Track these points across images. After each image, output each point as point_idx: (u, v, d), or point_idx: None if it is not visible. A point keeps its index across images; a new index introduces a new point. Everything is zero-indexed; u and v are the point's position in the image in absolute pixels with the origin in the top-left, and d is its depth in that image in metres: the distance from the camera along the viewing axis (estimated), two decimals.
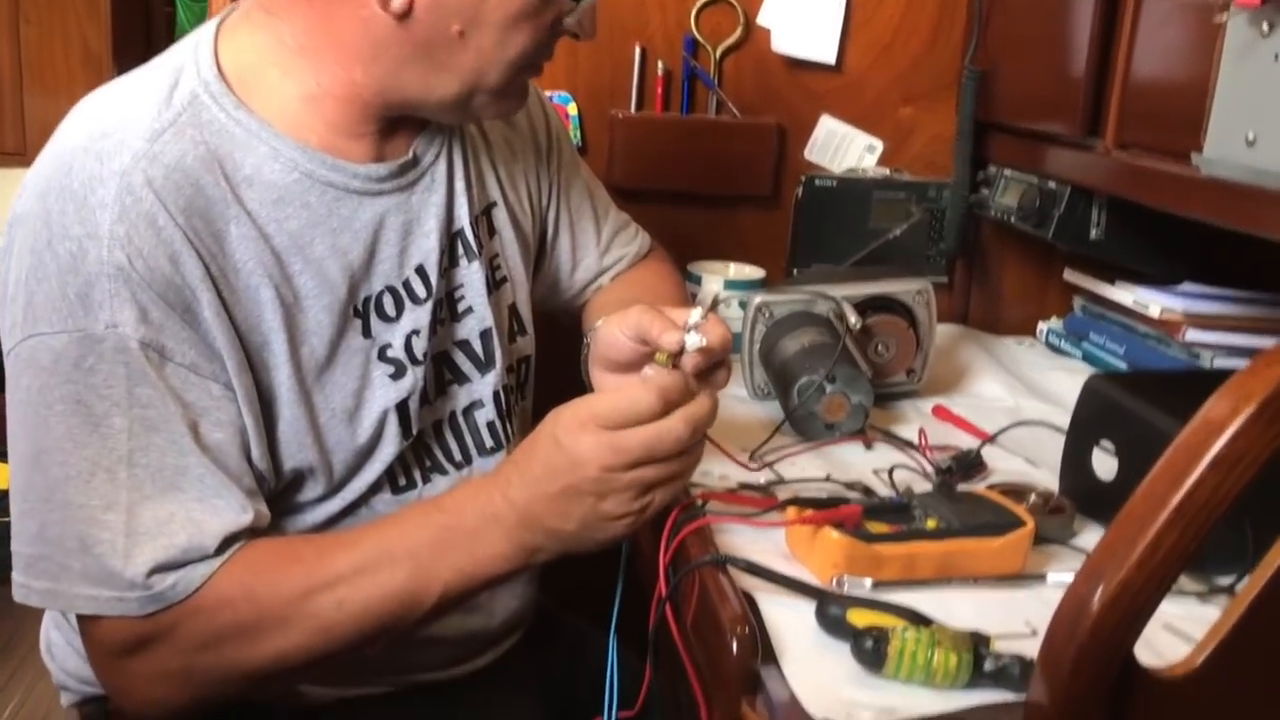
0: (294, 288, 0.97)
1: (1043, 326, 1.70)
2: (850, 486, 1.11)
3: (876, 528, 0.91)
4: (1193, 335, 1.42)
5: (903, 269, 1.37)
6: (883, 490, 1.11)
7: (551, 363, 1.28)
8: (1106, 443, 1.05)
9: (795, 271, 1.70)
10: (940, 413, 1.35)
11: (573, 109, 1.64)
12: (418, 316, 1.05)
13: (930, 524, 0.92)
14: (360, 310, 1.02)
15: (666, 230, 1.61)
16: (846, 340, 1.28)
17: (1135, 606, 0.63)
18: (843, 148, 1.70)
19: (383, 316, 1.04)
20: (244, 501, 0.93)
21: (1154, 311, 1.46)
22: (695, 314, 0.97)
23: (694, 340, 0.95)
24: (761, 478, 1.12)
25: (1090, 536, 1.04)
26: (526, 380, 1.24)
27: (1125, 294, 1.52)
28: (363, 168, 1.01)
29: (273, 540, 0.96)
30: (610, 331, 1.04)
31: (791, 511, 0.93)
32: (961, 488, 1.11)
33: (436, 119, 1.02)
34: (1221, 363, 1.40)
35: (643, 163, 1.65)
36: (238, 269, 0.94)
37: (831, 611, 0.82)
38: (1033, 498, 1.05)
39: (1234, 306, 1.44)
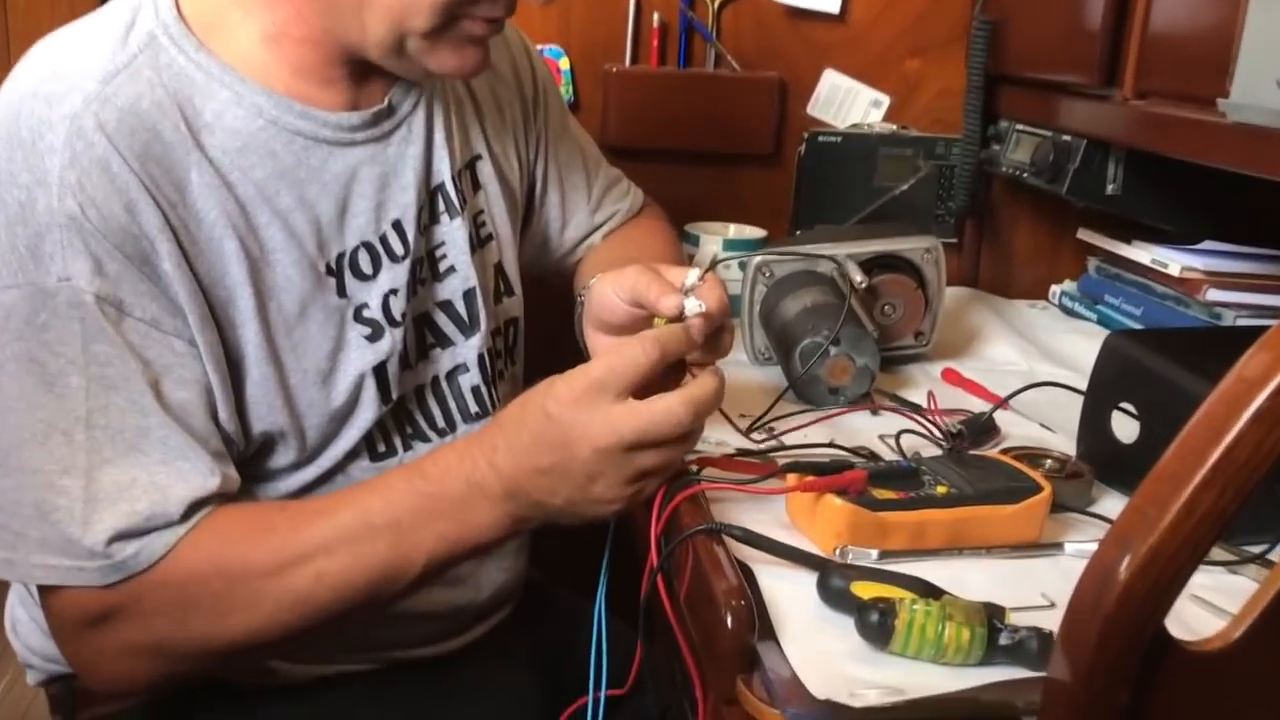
0: (260, 240, 0.91)
1: (1055, 289, 1.64)
2: (855, 452, 1.05)
3: (883, 494, 0.85)
4: (1214, 295, 1.36)
5: (910, 227, 1.31)
6: (889, 456, 1.05)
7: (544, 327, 1.22)
8: (1127, 405, 0.99)
9: (798, 232, 1.63)
10: (950, 376, 1.29)
11: (565, 63, 1.57)
12: (395, 275, 0.99)
13: (940, 490, 0.86)
14: (334, 268, 0.96)
15: (663, 190, 1.55)
16: (851, 300, 1.21)
17: (1168, 575, 0.57)
18: (847, 103, 1.64)
19: (358, 274, 0.98)
20: (211, 465, 0.87)
21: (1174, 270, 1.40)
22: (692, 275, 0.91)
23: (692, 305, 0.89)
24: (761, 444, 1.07)
25: (1110, 503, 0.98)
26: (515, 344, 1.18)
27: (1143, 253, 1.46)
28: (333, 116, 0.95)
29: (243, 507, 0.91)
30: (604, 291, 0.98)
31: (792, 478, 0.87)
32: (973, 453, 1.06)
33: (394, 70, 0.95)
34: (1244, 322, 1.34)
35: (638, 120, 1.59)
36: (200, 219, 0.88)
37: (834, 583, 0.76)
38: (1049, 463, 0.99)
39: (1257, 264, 1.38)
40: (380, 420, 1.00)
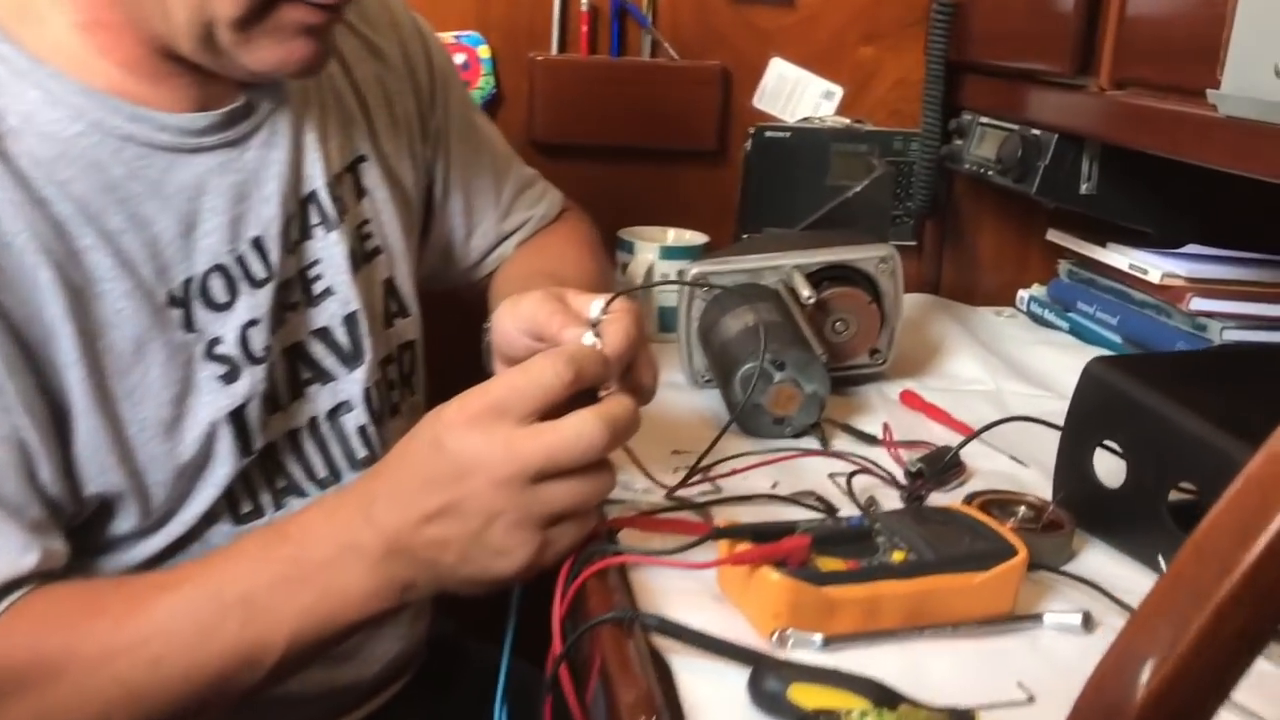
0: (83, 268, 0.76)
1: (1023, 294, 1.51)
2: (801, 499, 0.91)
3: (829, 564, 0.71)
4: (1199, 303, 1.24)
5: (864, 233, 1.17)
6: (840, 499, 0.92)
7: (451, 349, 1.08)
8: (1111, 442, 0.86)
9: (744, 236, 1.49)
10: (909, 399, 1.15)
11: (484, 51, 1.42)
12: (256, 302, 0.85)
13: (896, 557, 0.73)
14: (179, 297, 0.81)
15: (595, 191, 1.41)
16: (798, 318, 1.08)
17: (1201, 697, 0.44)
18: (796, 94, 1.50)
19: (210, 303, 0.83)
20: (25, 539, 0.73)
21: (1154, 277, 1.27)
22: (595, 305, 0.77)
23: (589, 341, 0.75)
24: (695, 485, 0.93)
25: (1092, 557, 0.85)
26: (413, 371, 1.04)
27: (1119, 257, 1.33)
28: (174, 117, 0.81)
29: (70, 586, 0.76)
30: (503, 323, 0.84)
31: (723, 546, 0.73)
32: (935, 497, 0.93)
33: (213, 69, 0.80)
34: (1231, 335, 1.22)
35: (567, 113, 1.44)
36: (5, 244, 0.73)
37: (769, 686, 0.62)
38: (1022, 511, 0.86)
39: (1245, 270, 1.26)
40: (244, 474, 0.85)
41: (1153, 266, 1.27)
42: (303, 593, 0.71)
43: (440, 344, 1.10)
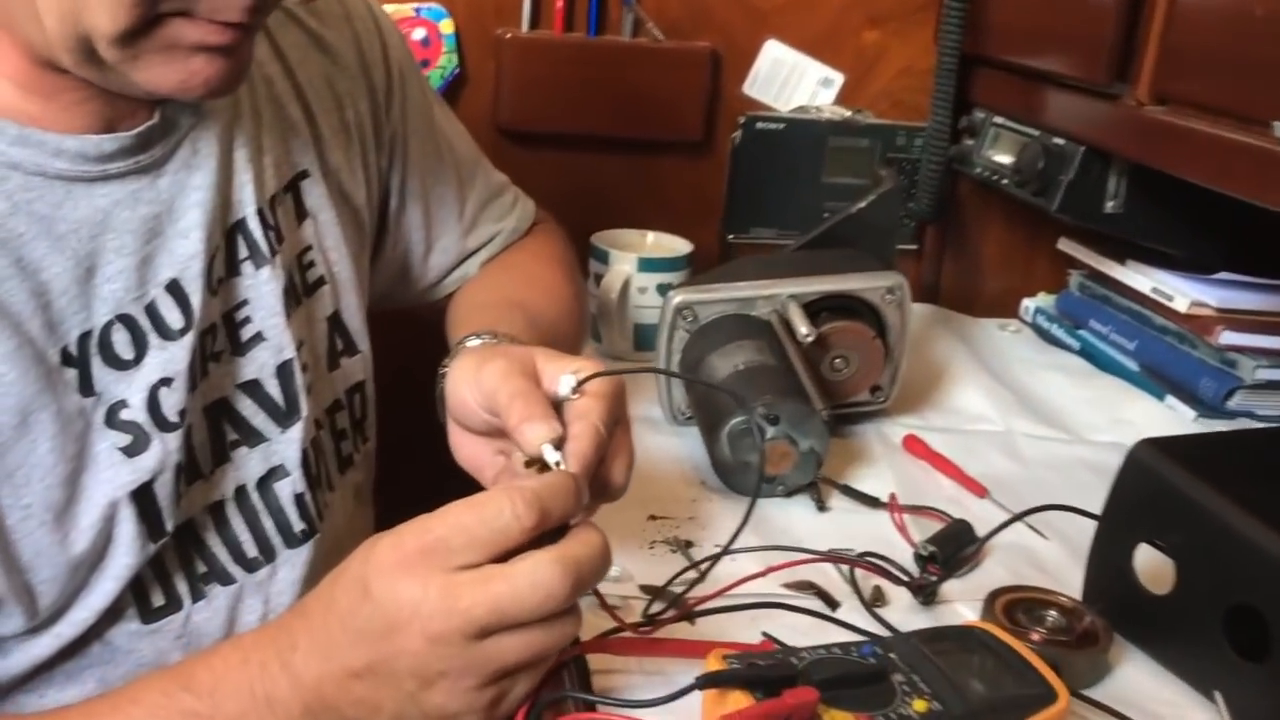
0: None
1: (1028, 304, 1.39)
2: (798, 590, 0.80)
3: (839, 719, 0.60)
4: (1229, 337, 1.13)
5: (866, 254, 1.05)
6: (839, 589, 0.81)
7: (409, 379, 0.95)
8: (1157, 539, 0.75)
9: (730, 239, 1.36)
10: (913, 446, 1.04)
11: (447, 26, 1.27)
12: (171, 358, 0.72)
13: (918, 707, 0.61)
14: (74, 355, 0.68)
15: (567, 185, 1.28)
16: (793, 359, 0.96)
17: None
18: (792, 81, 1.36)
19: (112, 361, 0.70)
20: None
21: (1180, 305, 1.16)
22: (566, 382, 0.65)
23: (550, 455, 0.63)
24: (672, 565, 0.81)
25: (1132, 671, 0.75)
26: (364, 416, 0.91)
27: (1141, 278, 1.21)
28: (72, 140, 0.67)
29: None
30: (459, 390, 0.71)
31: (708, 701, 0.61)
32: (950, 586, 0.82)
33: (104, 85, 0.66)
34: (1265, 373, 1.11)
35: (537, 97, 1.30)
36: None
37: None
38: (1052, 617, 0.75)
39: None
40: (155, 559, 0.73)
41: (1179, 293, 1.16)
42: None
43: (392, 374, 0.97)
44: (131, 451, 0.70)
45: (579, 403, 0.67)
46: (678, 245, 1.23)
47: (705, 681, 0.60)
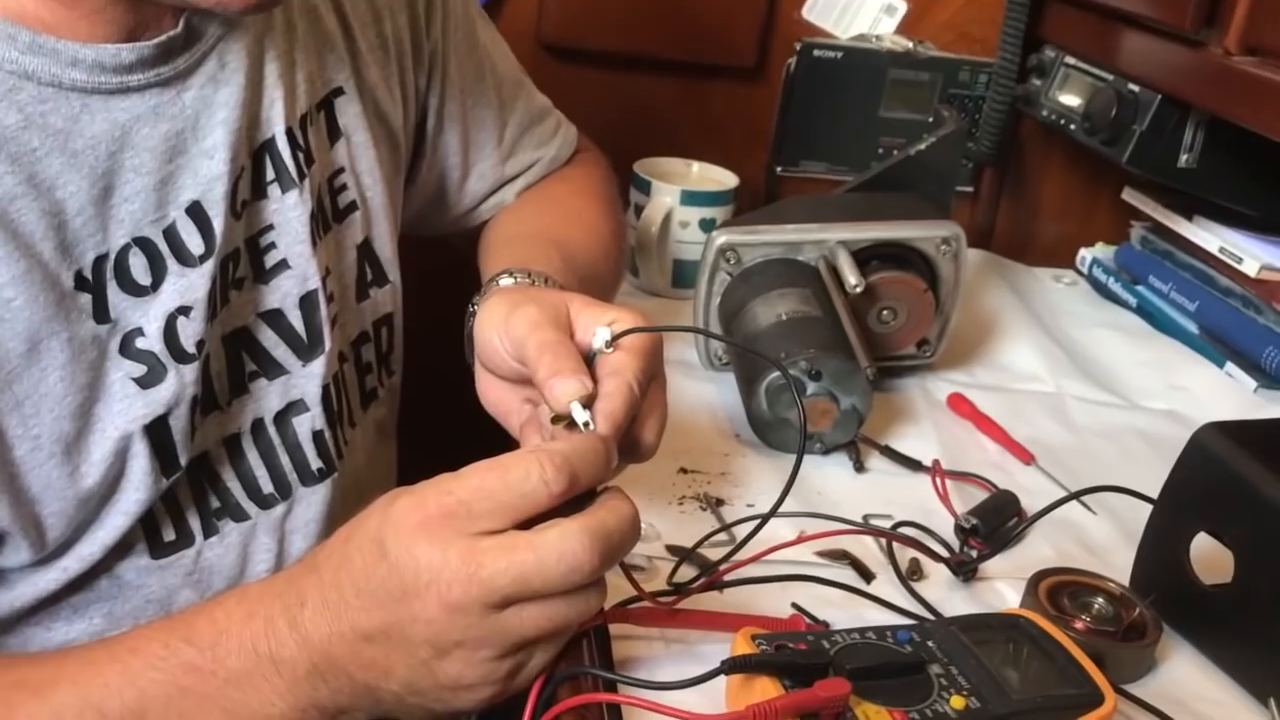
0: None
1: (1085, 254, 1.33)
2: (831, 559, 0.76)
3: (872, 714, 0.57)
4: None
5: (923, 201, 0.99)
6: (875, 559, 0.77)
7: (437, 307, 0.91)
8: (1217, 530, 0.71)
9: (779, 171, 1.31)
10: (958, 405, 0.99)
11: None
12: (190, 285, 0.68)
13: (955, 704, 0.58)
14: (88, 279, 0.65)
15: (611, 109, 1.23)
16: (840, 310, 0.91)
17: None
18: (853, 6, 1.29)
19: (128, 286, 0.66)
20: None
21: (1249, 267, 1.10)
22: (601, 334, 0.62)
23: (580, 415, 0.59)
24: (701, 524, 0.78)
25: (1180, 665, 0.71)
26: (391, 349, 0.88)
27: (1209, 236, 1.15)
28: (89, 49, 0.62)
29: None
30: (488, 336, 0.67)
31: (734, 684, 0.58)
32: (991, 563, 0.78)
33: None
34: None
35: (584, 12, 1.24)
36: None
37: None
38: (1099, 605, 0.71)
39: None
40: (169, 493, 0.70)
41: (1249, 255, 1.10)
42: (205, 712, 0.56)
43: (421, 305, 0.94)
44: (146, 383, 0.67)
45: (613, 357, 0.63)
46: (724, 178, 1.17)
47: (732, 666, 0.57)
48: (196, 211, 0.68)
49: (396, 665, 0.55)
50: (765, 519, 0.67)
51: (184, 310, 0.68)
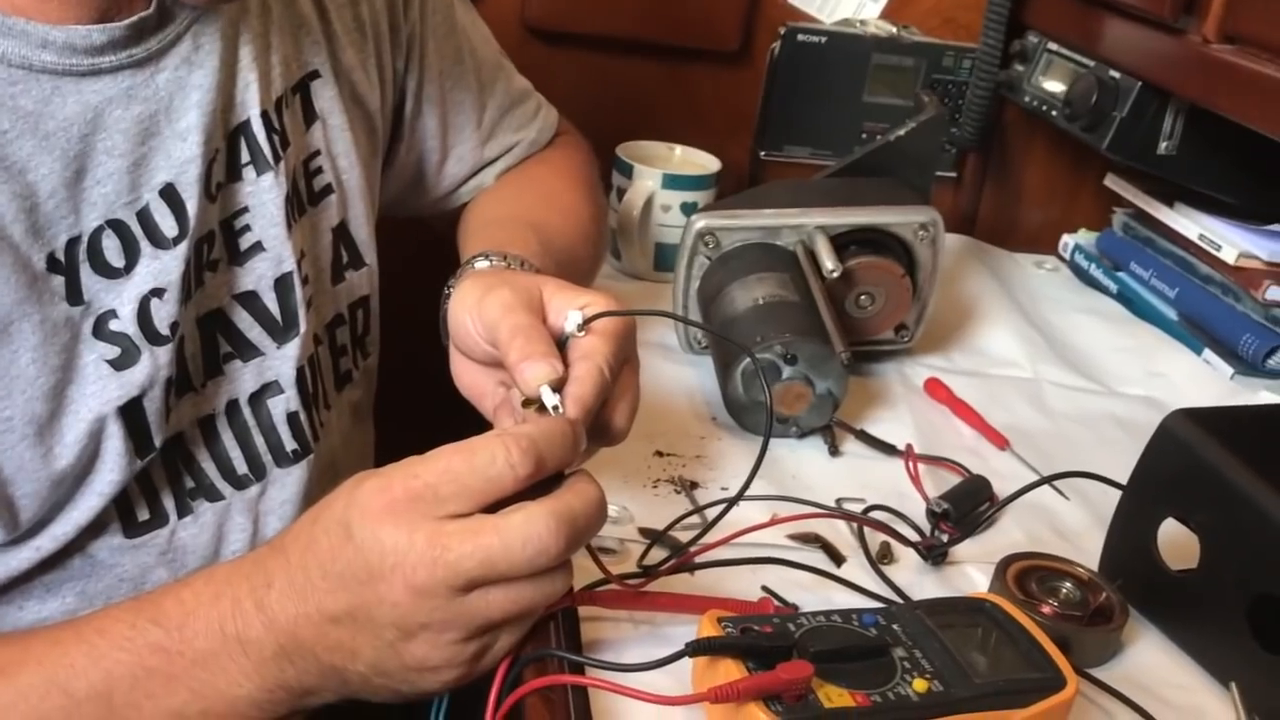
0: None
1: (1068, 240, 1.33)
2: (802, 541, 0.77)
3: (834, 695, 0.57)
4: (1276, 293, 1.07)
5: (903, 186, 0.99)
6: (846, 543, 0.78)
7: (411, 293, 0.91)
8: (1184, 516, 0.72)
9: (762, 155, 1.31)
10: (935, 390, 1.00)
11: None
12: (163, 267, 0.68)
13: (918, 686, 0.58)
14: (60, 261, 0.65)
15: (594, 92, 1.23)
16: (817, 295, 0.91)
17: None
18: None
19: (101, 268, 0.67)
20: None
21: (1227, 254, 1.10)
22: (573, 318, 0.63)
23: (550, 398, 0.60)
24: (676, 507, 0.78)
25: (1146, 649, 0.72)
26: (367, 331, 0.88)
27: (1189, 223, 1.16)
28: (60, 31, 0.63)
29: None
30: (461, 318, 0.68)
31: (700, 666, 0.59)
32: (962, 547, 0.79)
33: None
34: None
35: None
36: None
37: None
38: (1066, 590, 0.72)
39: None
40: (143, 473, 0.70)
41: (1228, 243, 1.10)
42: (171, 693, 0.57)
43: (398, 287, 0.94)
44: (120, 365, 0.67)
45: (584, 341, 0.64)
46: (706, 162, 1.17)
47: (696, 649, 0.57)
48: (170, 194, 0.68)
49: (363, 647, 0.56)
50: (732, 502, 0.67)
51: (157, 292, 0.68)
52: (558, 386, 0.61)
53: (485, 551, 0.53)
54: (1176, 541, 0.72)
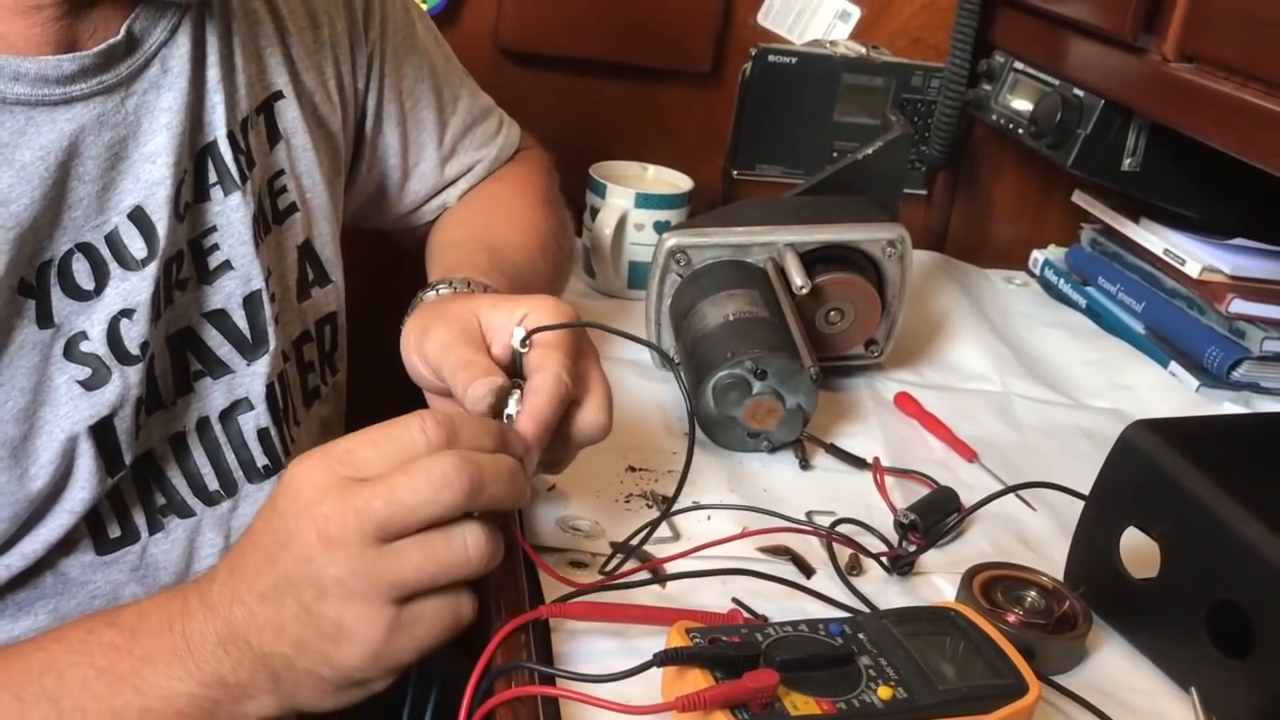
0: None
1: (1038, 256, 1.35)
2: (773, 554, 0.78)
3: (800, 704, 0.58)
4: (1240, 306, 1.09)
5: (871, 205, 1.01)
6: (815, 555, 0.79)
7: (380, 307, 0.92)
8: (1145, 525, 0.73)
9: (735, 175, 1.33)
10: (905, 404, 1.01)
11: None
12: (132, 288, 0.69)
13: (883, 694, 0.59)
14: (32, 285, 0.66)
15: (568, 113, 1.24)
16: (787, 311, 0.93)
17: None
18: (808, 12, 1.31)
19: (72, 291, 0.67)
20: None
21: (1191, 269, 1.12)
22: (518, 334, 0.65)
23: (512, 409, 0.62)
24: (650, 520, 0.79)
25: (1110, 656, 0.73)
26: (335, 347, 0.89)
27: (1154, 238, 1.18)
28: (31, 63, 0.64)
29: None
30: (410, 358, 0.71)
31: (669, 676, 0.60)
32: (930, 557, 0.80)
33: None
34: (1273, 345, 1.08)
35: (541, 18, 1.25)
36: None
37: None
38: (1031, 598, 0.73)
39: None
40: (114, 490, 0.71)
41: (1191, 257, 1.12)
42: (116, 693, 0.57)
43: (366, 304, 0.95)
44: (91, 385, 0.68)
45: (534, 354, 0.66)
46: (678, 181, 1.19)
47: (663, 659, 0.58)
48: (139, 216, 0.69)
49: (286, 620, 0.56)
50: (665, 512, 0.69)
51: (127, 313, 0.69)
52: (504, 395, 0.64)
53: (391, 490, 0.54)
54: (1138, 550, 0.73)
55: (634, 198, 1.13)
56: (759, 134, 1.31)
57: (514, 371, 0.66)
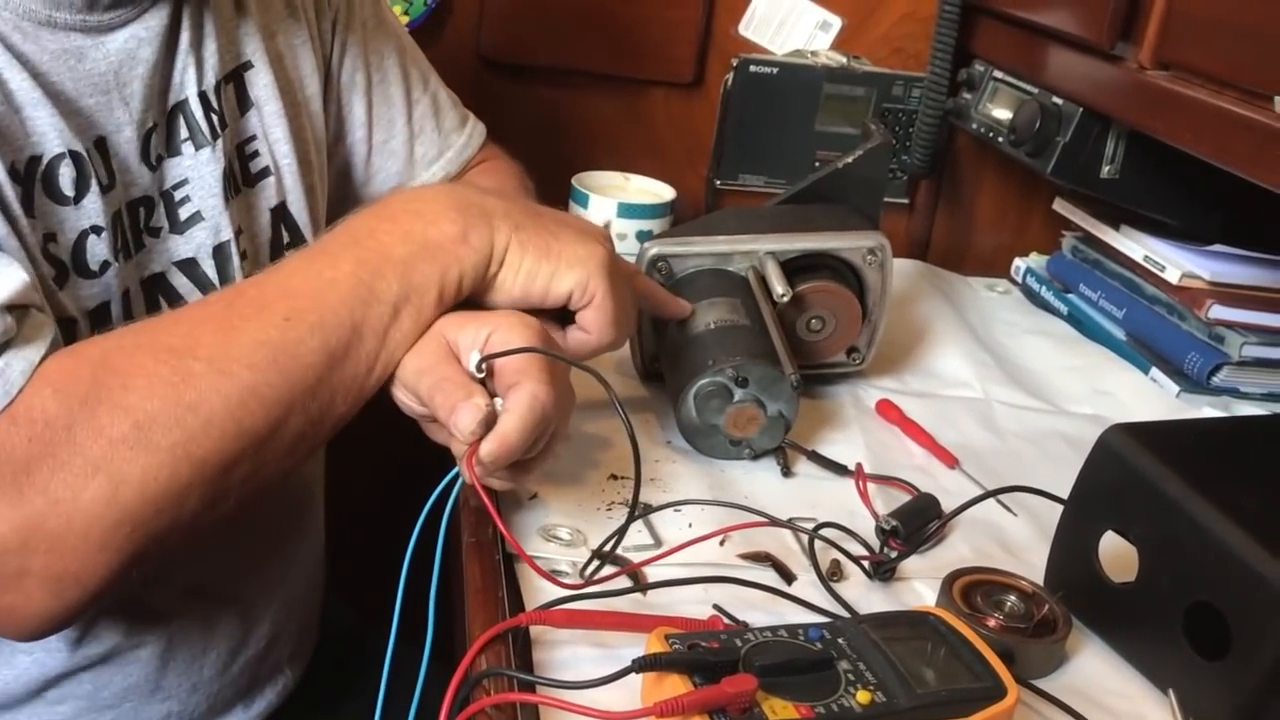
0: None
1: (1020, 263, 1.36)
2: (754, 561, 0.78)
3: (779, 709, 0.58)
4: (1219, 312, 1.10)
5: (852, 213, 1.01)
6: (797, 561, 0.79)
7: None
8: (1123, 529, 0.73)
9: (718, 184, 1.33)
10: (886, 411, 1.01)
11: None
12: (98, 209, 0.71)
13: (862, 698, 0.60)
14: (20, 174, 0.67)
15: (550, 123, 1.25)
16: (768, 319, 0.93)
17: None
18: (789, 22, 1.32)
19: (54, 194, 0.69)
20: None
21: (1171, 275, 1.12)
22: (474, 357, 0.68)
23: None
24: (631, 537, 0.79)
25: (1089, 659, 0.73)
26: None
27: (1134, 245, 1.18)
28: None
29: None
30: (394, 390, 0.72)
31: (648, 682, 0.60)
32: (911, 563, 0.80)
33: None
34: (1252, 350, 1.09)
35: (523, 29, 1.26)
36: None
37: None
38: (1011, 602, 0.73)
39: (1275, 277, 1.11)
40: None
41: (1171, 264, 1.13)
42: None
43: None
44: (58, 285, 0.69)
45: (507, 366, 0.67)
46: (660, 191, 1.19)
47: (642, 665, 0.58)
48: (101, 147, 0.72)
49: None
50: (633, 508, 0.70)
51: (96, 230, 0.71)
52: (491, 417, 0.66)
53: None
54: (1117, 554, 0.74)
55: (616, 207, 1.13)
56: (741, 144, 1.31)
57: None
